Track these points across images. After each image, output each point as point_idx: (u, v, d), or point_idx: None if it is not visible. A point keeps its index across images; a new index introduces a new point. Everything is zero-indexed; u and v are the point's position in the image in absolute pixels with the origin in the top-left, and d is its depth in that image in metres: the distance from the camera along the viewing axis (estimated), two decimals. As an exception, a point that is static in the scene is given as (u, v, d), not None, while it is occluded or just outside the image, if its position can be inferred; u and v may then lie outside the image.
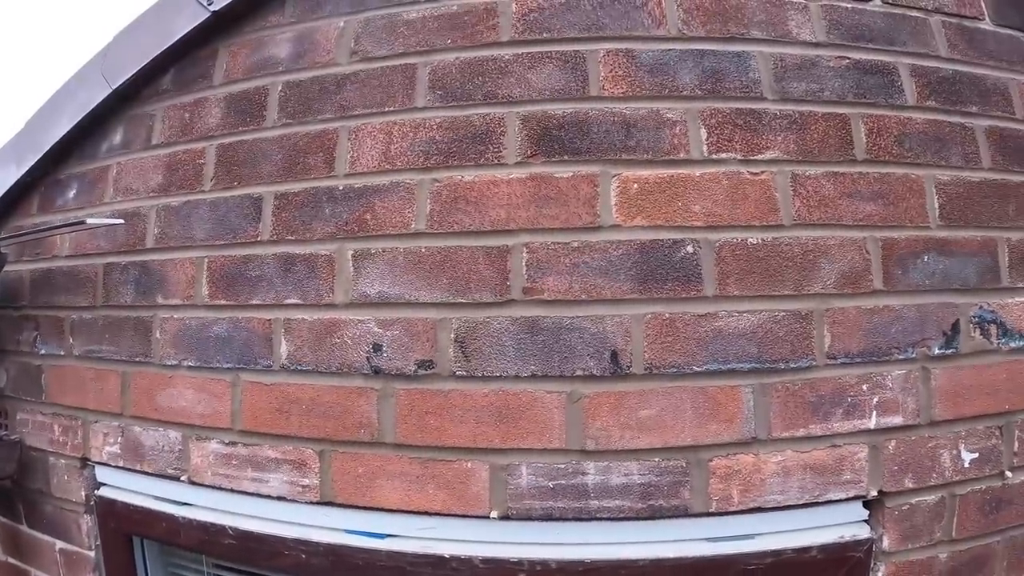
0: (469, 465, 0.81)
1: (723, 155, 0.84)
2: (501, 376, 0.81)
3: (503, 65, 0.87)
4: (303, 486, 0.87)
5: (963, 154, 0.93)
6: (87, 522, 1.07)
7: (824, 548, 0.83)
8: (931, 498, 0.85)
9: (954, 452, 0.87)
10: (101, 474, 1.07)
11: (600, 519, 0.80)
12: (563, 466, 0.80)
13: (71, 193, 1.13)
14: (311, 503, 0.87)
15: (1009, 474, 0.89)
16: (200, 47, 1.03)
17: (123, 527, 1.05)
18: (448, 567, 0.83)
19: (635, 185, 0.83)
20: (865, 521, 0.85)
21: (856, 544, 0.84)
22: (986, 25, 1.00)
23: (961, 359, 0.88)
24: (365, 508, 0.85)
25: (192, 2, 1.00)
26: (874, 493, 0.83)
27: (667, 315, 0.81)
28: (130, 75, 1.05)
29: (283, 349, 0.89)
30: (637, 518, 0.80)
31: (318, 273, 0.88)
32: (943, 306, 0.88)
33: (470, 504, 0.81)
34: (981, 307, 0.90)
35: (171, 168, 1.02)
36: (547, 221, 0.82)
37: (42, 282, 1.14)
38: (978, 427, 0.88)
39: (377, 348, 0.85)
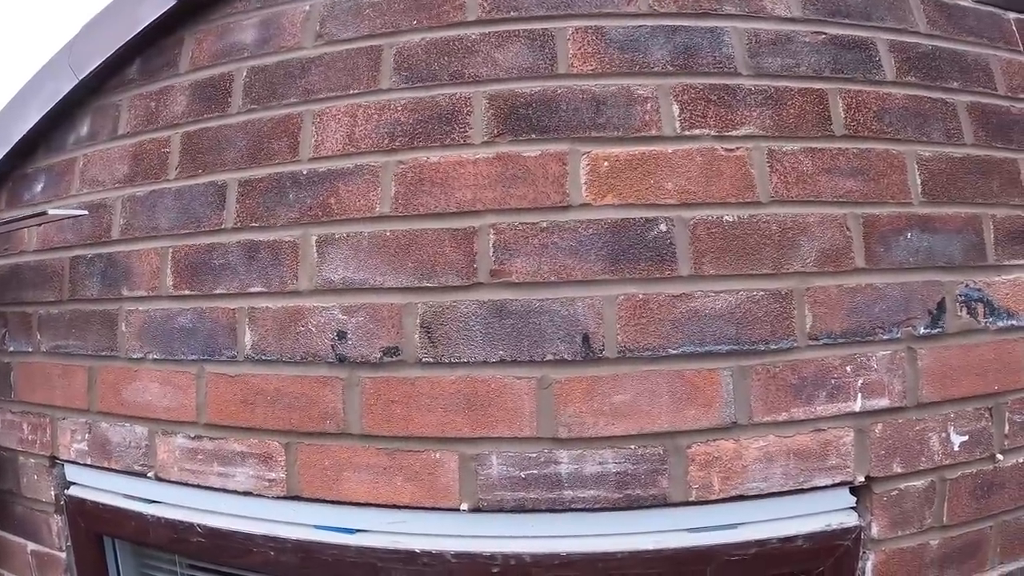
0: (437, 456, 0.79)
1: (696, 131, 0.82)
2: (469, 362, 0.78)
3: (469, 45, 0.85)
4: (269, 480, 0.84)
5: (945, 130, 0.91)
6: (57, 522, 1.04)
7: (810, 537, 0.80)
8: (920, 483, 0.83)
9: (943, 435, 0.84)
10: (70, 473, 1.04)
11: (575, 510, 0.77)
12: (535, 455, 0.77)
13: (39, 187, 1.11)
14: (278, 498, 0.84)
15: (1000, 457, 0.87)
16: (166, 35, 1.01)
17: (93, 527, 1.02)
18: (419, 562, 0.80)
19: (605, 163, 0.80)
20: (853, 508, 0.83)
21: (844, 532, 0.81)
22: (966, 1, 0.99)
23: (948, 339, 0.85)
24: (333, 502, 0.82)
25: (157, -11, 0.99)
26: (861, 479, 0.80)
27: (640, 296, 0.78)
28: (96, 65, 1.03)
29: (247, 339, 0.86)
30: (614, 508, 0.77)
31: (282, 260, 0.86)
32: (928, 284, 0.85)
33: (440, 496, 0.78)
34: (967, 285, 0.87)
35: (137, 158, 1.00)
36: (515, 201, 0.80)
37: (10, 278, 1.12)
38: (967, 409, 0.85)
39: (342, 335, 0.82)
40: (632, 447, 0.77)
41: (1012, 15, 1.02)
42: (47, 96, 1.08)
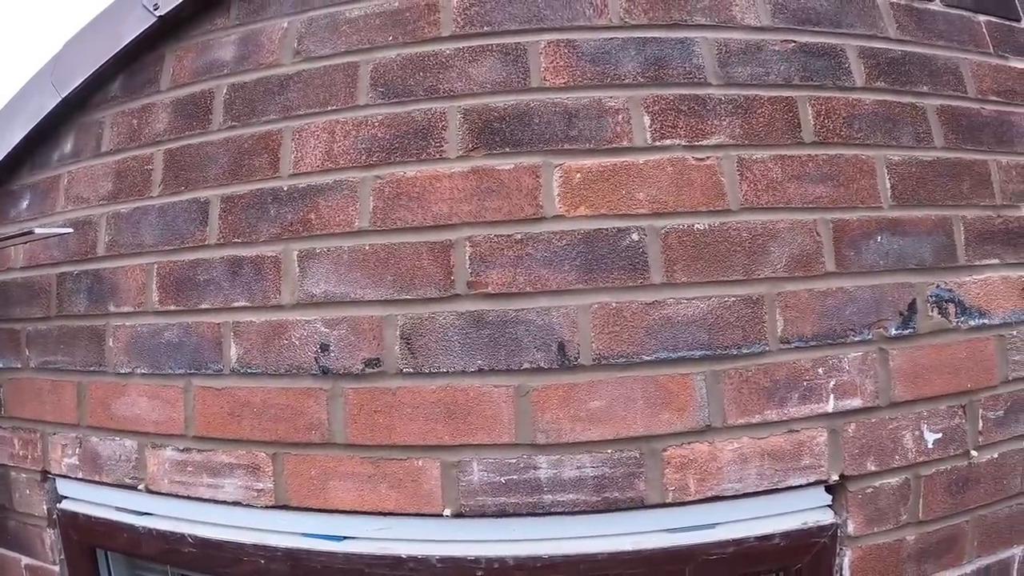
0: (420, 463, 0.80)
1: (667, 141, 0.84)
2: (448, 372, 0.80)
3: (444, 60, 0.87)
4: (257, 490, 0.86)
5: (915, 134, 0.92)
6: (50, 536, 1.05)
7: (787, 535, 0.82)
8: (895, 480, 0.85)
9: (917, 433, 0.86)
10: (62, 487, 1.06)
11: (555, 514, 0.79)
12: (514, 461, 0.79)
13: (24, 204, 1.12)
14: (266, 507, 0.86)
15: (974, 453, 0.88)
16: (148, 52, 1.02)
17: (85, 540, 1.04)
18: (406, 567, 0.82)
19: (578, 175, 0.82)
20: (828, 506, 0.84)
21: (820, 530, 0.83)
22: (936, 6, 1.00)
23: (920, 339, 0.87)
24: (320, 510, 0.84)
25: (138, 7, 1.00)
26: (835, 477, 0.82)
27: (614, 304, 0.80)
28: (79, 83, 1.04)
29: (233, 353, 0.88)
30: (592, 511, 0.79)
31: (265, 275, 0.88)
32: (899, 286, 0.87)
33: (423, 503, 0.80)
34: (938, 286, 0.89)
35: (120, 175, 1.01)
36: (490, 214, 0.81)
37: (-2, 295, 1.13)
38: (940, 407, 0.87)
39: (324, 348, 0.84)
40: (609, 451, 0.79)
41: (982, 17, 1.03)
42: (31, 113, 1.09)
